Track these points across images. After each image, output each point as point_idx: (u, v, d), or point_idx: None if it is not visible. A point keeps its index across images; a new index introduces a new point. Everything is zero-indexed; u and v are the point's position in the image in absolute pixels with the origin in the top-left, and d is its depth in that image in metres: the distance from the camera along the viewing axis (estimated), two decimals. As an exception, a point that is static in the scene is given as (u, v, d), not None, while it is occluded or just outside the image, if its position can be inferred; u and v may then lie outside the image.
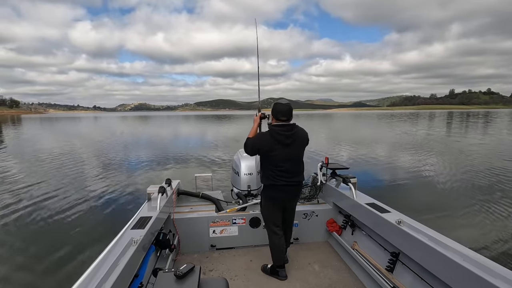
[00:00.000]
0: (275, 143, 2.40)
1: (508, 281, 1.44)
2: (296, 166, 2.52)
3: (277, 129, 2.41)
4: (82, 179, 8.45)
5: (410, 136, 20.93)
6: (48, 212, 5.65)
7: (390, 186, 7.51)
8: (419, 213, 5.18)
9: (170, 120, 63.56)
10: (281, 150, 2.42)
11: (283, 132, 2.40)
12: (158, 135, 24.71)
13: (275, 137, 2.40)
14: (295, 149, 2.49)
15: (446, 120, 50.15)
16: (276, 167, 2.45)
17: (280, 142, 2.40)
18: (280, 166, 2.45)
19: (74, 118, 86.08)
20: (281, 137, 2.40)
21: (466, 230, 4.81)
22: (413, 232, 2.04)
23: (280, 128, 2.42)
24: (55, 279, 3.51)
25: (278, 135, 2.40)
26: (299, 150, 2.54)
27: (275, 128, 2.43)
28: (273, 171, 2.47)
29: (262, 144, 2.44)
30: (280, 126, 2.43)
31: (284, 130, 2.41)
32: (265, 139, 2.45)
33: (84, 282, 1.43)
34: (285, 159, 2.44)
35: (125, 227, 2.14)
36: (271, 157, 2.45)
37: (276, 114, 2.43)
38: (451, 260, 1.67)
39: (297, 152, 2.52)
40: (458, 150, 13.42)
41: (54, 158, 12.05)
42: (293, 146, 2.45)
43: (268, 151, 2.43)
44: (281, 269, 2.68)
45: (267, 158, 2.49)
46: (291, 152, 2.46)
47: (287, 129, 2.42)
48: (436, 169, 9.36)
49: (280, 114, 2.42)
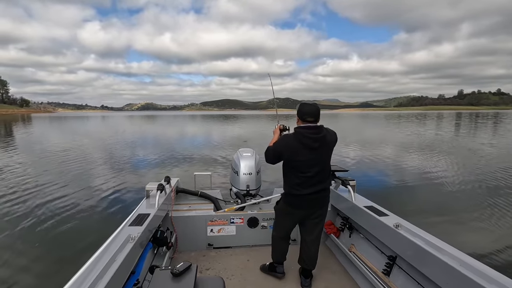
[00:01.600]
0: (300, 147, 2.16)
1: (503, 286, 1.44)
2: (323, 172, 2.28)
3: (304, 131, 2.17)
4: (81, 175, 8.56)
5: (416, 137, 20.67)
6: (45, 207, 5.69)
7: (390, 189, 7.42)
8: (418, 217, 5.11)
9: (176, 120, 63.87)
10: (307, 155, 2.17)
11: (310, 135, 2.15)
12: (161, 134, 24.84)
13: (301, 140, 2.16)
14: (323, 154, 2.25)
15: (454, 120, 49.39)
16: (301, 174, 2.22)
17: (307, 146, 2.16)
18: (306, 172, 2.21)
19: (82, 117, 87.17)
20: (308, 140, 2.15)
21: (466, 235, 4.73)
22: (411, 236, 2.03)
23: (307, 130, 2.17)
24: (51, 274, 3.50)
25: (304, 138, 2.15)
26: (327, 154, 2.29)
27: (301, 130, 2.18)
28: (298, 178, 2.23)
29: (286, 148, 2.21)
30: (307, 128, 2.18)
31: (312, 132, 2.16)
32: (289, 142, 2.22)
33: (81, 278, 1.44)
34: (311, 164, 2.20)
35: (123, 223, 2.16)
36: (295, 162, 2.22)
37: (302, 116, 2.20)
38: (447, 265, 1.66)
39: (325, 157, 2.28)
40: (465, 152, 13.20)
41: (56, 155, 12.28)
42: (320, 150, 2.21)
43: (292, 156, 2.20)
44: (280, 265, 2.67)
45: (290, 164, 2.25)
46: (318, 157, 2.21)
47: (315, 131, 2.17)
48: (440, 172, 9.20)
49: (307, 115, 2.18)
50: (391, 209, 2.55)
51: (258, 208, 3.40)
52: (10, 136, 22.36)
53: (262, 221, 3.19)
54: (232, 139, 19.63)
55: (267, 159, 2.35)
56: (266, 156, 2.34)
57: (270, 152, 2.30)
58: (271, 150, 2.30)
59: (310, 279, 2.53)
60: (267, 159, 2.34)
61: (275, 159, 2.29)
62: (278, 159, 2.29)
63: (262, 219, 3.19)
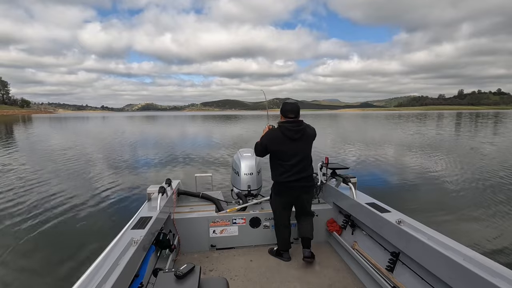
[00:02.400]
0: (284, 138, 2.55)
1: (508, 280, 1.43)
2: (304, 160, 2.63)
3: (286, 125, 2.56)
4: (82, 178, 8.49)
5: (418, 136, 20.64)
6: (47, 211, 5.63)
7: (391, 186, 7.43)
8: (420, 213, 5.13)
9: (177, 120, 63.79)
10: (290, 145, 2.55)
11: (292, 128, 2.55)
12: (161, 135, 24.72)
13: (284, 132, 2.55)
14: (304, 144, 2.62)
15: (455, 120, 49.34)
16: (285, 162, 2.58)
17: (289, 137, 2.54)
18: (289, 161, 2.57)
19: (83, 118, 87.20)
20: (290, 132, 2.54)
21: (469, 232, 4.73)
22: (413, 231, 2.04)
23: (289, 124, 2.57)
24: (55, 279, 3.48)
25: (287, 130, 2.54)
26: (307, 145, 2.67)
27: (284, 124, 2.58)
28: (282, 166, 2.60)
29: (271, 140, 2.59)
30: (289, 123, 2.58)
31: (293, 125, 2.56)
32: (274, 135, 2.61)
33: (85, 282, 1.44)
34: (293, 153, 2.57)
35: (125, 227, 2.16)
36: (280, 152, 2.58)
37: (284, 112, 2.60)
38: (451, 260, 1.66)
39: (305, 147, 2.64)
40: (466, 151, 13.18)
41: (55, 157, 12.20)
42: (301, 141, 2.59)
43: (278, 147, 2.57)
44: (285, 251, 2.91)
45: (276, 154, 2.62)
46: (300, 147, 2.59)
47: (296, 125, 2.57)
48: (440, 169, 9.21)
49: (289, 112, 2.58)
50: (392, 206, 2.56)
51: (260, 208, 3.40)
52: (11, 137, 22.29)
53: (264, 221, 3.19)
54: (233, 138, 19.63)
55: (256, 152, 2.73)
56: (255, 149, 2.72)
57: (258, 145, 2.69)
58: (259, 144, 2.68)
59: (309, 251, 2.81)
60: (256, 152, 2.72)
61: (263, 150, 2.66)
62: (265, 151, 2.66)
63: (264, 219, 3.19)
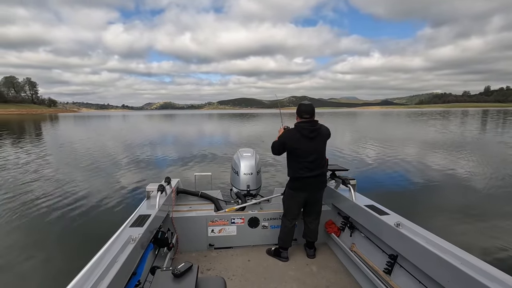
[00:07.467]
0: (300, 137, 2.68)
1: (506, 285, 1.41)
2: (319, 159, 2.75)
3: (302, 125, 2.71)
4: (81, 174, 8.64)
5: (442, 135, 19.88)
6: (46, 207, 5.70)
7: (390, 188, 7.22)
8: (419, 216, 5.01)
9: (193, 118, 64.35)
10: (306, 144, 2.68)
11: (308, 127, 2.68)
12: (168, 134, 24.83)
13: (300, 131, 2.68)
14: (318, 143, 2.74)
15: (481, 118, 47.02)
16: (302, 159, 2.70)
17: (305, 136, 2.67)
18: (306, 158, 2.69)
19: (104, 116, 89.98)
20: (306, 131, 2.67)
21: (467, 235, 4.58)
22: (412, 235, 2.01)
23: (305, 124, 2.71)
24: (52, 275, 3.51)
25: (303, 130, 2.68)
26: (322, 144, 2.78)
27: (301, 124, 2.72)
28: (300, 163, 2.72)
29: (288, 138, 2.72)
30: (305, 123, 2.72)
31: (309, 125, 2.70)
32: (291, 134, 2.74)
33: (82, 279, 1.45)
34: (310, 151, 2.69)
35: (123, 224, 2.19)
36: (296, 150, 2.70)
37: (300, 113, 2.74)
38: (449, 263, 1.65)
39: (320, 146, 2.76)
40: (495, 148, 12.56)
41: (57, 154, 12.50)
42: (316, 140, 2.71)
43: (294, 145, 2.69)
44: (284, 251, 2.96)
45: (293, 152, 2.74)
46: (315, 146, 2.71)
47: (311, 124, 2.70)
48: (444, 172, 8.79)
49: (304, 113, 2.72)
50: (391, 208, 2.52)
51: (259, 208, 3.40)
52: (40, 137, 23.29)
53: (263, 221, 3.19)
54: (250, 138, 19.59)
55: (273, 150, 2.83)
56: (272, 148, 2.82)
57: (275, 144, 2.80)
58: (276, 142, 2.80)
59: (313, 250, 3.03)
60: (273, 150, 2.82)
61: (280, 148, 2.77)
62: (283, 149, 2.77)
63: (263, 219, 3.19)
